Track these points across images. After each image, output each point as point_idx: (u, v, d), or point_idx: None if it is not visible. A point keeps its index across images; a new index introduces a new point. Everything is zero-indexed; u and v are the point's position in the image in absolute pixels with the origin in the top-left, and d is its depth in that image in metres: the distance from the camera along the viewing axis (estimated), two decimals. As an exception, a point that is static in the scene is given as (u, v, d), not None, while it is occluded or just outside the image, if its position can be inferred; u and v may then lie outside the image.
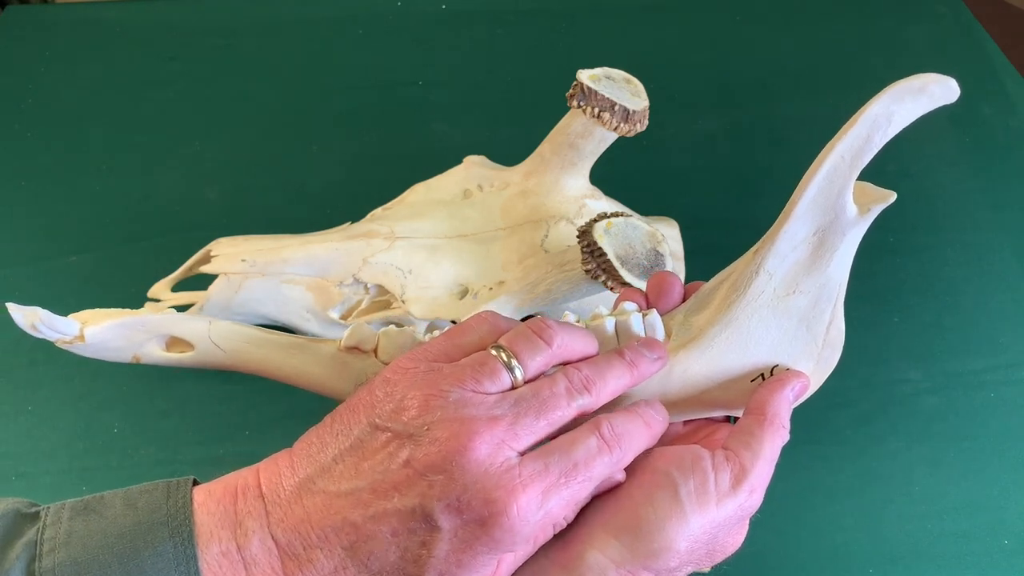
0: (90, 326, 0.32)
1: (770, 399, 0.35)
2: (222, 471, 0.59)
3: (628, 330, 0.36)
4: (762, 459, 0.33)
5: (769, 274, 0.36)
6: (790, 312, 0.36)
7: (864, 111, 0.33)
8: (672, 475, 0.32)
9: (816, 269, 0.36)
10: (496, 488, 0.28)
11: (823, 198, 0.35)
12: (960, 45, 0.93)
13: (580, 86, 0.52)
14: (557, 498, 0.30)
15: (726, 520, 0.32)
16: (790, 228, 0.35)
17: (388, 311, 0.56)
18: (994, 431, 0.61)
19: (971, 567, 0.55)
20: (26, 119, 0.84)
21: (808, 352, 0.37)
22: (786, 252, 0.36)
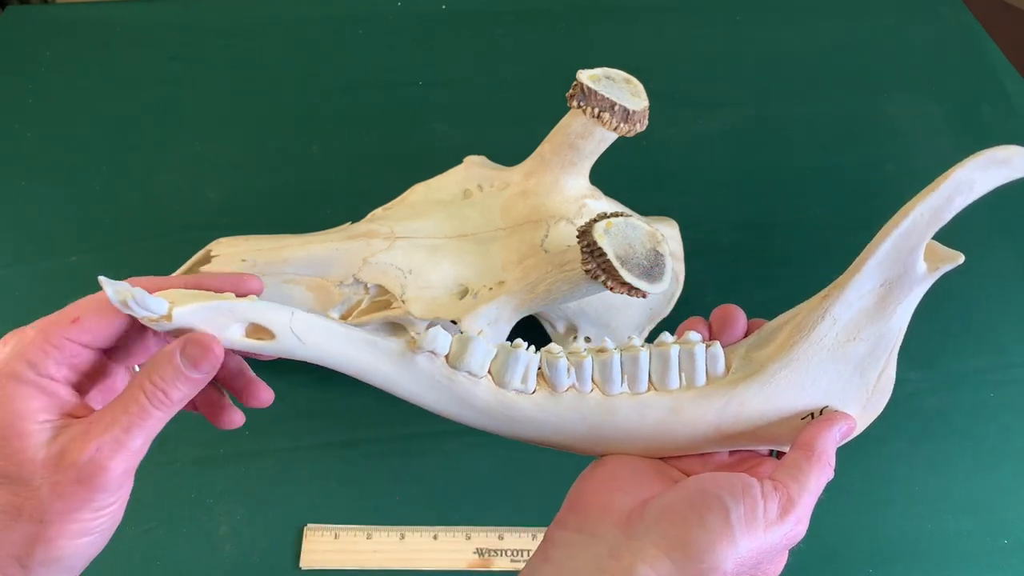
0: (178, 306, 0.33)
1: (818, 436, 0.37)
2: (222, 471, 0.59)
3: (692, 359, 0.38)
4: (808, 492, 0.35)
5: (834, 319, 0.38)
6: (848, 358, 0.38)
7: (950, 175, 0.36)
8: (724, 499, 0.34)
9: (879, 319, 0.38)
10: None
11: (897, 253, 0.36)
12: (960, 45, 0.93)
13: (580, 86, 0.52)
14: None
15: (772, 547, 0.34)
16: (861, 278, 0.37)
17: (388, 311, 0.56)
18: (994, 431, 0.61)
19: (971, 567, 0.55)
20: (26, 119, 0.84)
21: (858, 397, 0.39)
22: (853, 301, 0.37)
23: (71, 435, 0.32)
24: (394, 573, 0.55)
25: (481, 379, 0.37)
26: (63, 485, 0.32)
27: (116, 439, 0.32)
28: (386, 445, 0.60)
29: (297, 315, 0.35)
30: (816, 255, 0.73)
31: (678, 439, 0.39)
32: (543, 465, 0.59)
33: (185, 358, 0.34)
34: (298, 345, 0.35)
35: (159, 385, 0.33)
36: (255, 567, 0.54)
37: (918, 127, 0.84)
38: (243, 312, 0.35)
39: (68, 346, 0.34)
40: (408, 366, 0.37)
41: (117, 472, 0.32)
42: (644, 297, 0.48)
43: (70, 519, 0.32)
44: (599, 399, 0.38)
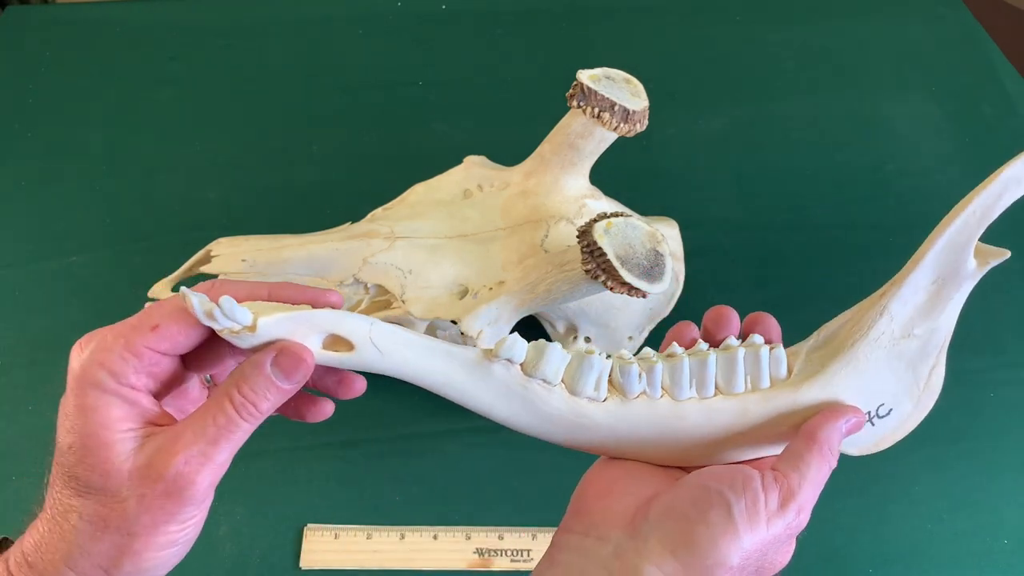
0: (262, 317, 0.33)
1: (822, 426, 0.37)
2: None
3: (757, 361, 0.39)
4: (808, 481, 0.35)
5: (891, 316, 0.39)
6: (902, 355, 0.39)
7: (1000, 173, 0.37)
8: (725, 494, 0.34)
9: (930, 316, 0.39)
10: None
11: (950, 249, 0.38)
12: (960, 45, 0.93)
13: (580, 86, 0.52)
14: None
15: (775, 538, 0.34)
16: (917, 274, 0.38)
17: (388, 311, 0.56)
18: (994, 431, 0.61)
19: (971, 567, 0.55)
20: (26, 119, 0.84)
21: (910, 394, 0.40)
22: (909, 297, 0.38)
23: (156, 446, 0.32)
24: (394, 573, 0.55)
25: (555, 387, 0.37)
26: (150, 498, 0.31)
27: (203, 452, 0.32)
28: (386, 445, 0.60)
29: (376, 325, 0.35)
30: (816, 255, 0.73)
31: (745, 442, 0.39)
32: (543, 465, 0.59)
33: (276, 368, 0.33)
34: (377, 357, 0.35)
35: (248, 396, 0.33)
36: (255, 567, 0.54)
37: (918, 127, 0.84)
38: (324, 323, 0.34)
39: (148, 354, 0.33)
40: (484, 375, 0.37)
41: (204, 485, 0.32)
42: (644, 297, 0.48)
43: (157, 532, 0.32)
44: (668, 405, 0.38)
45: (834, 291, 0.70)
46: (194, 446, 0.32)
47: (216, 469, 0.33)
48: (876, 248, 0.73)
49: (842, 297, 0.73)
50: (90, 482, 0.32)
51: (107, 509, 0.32)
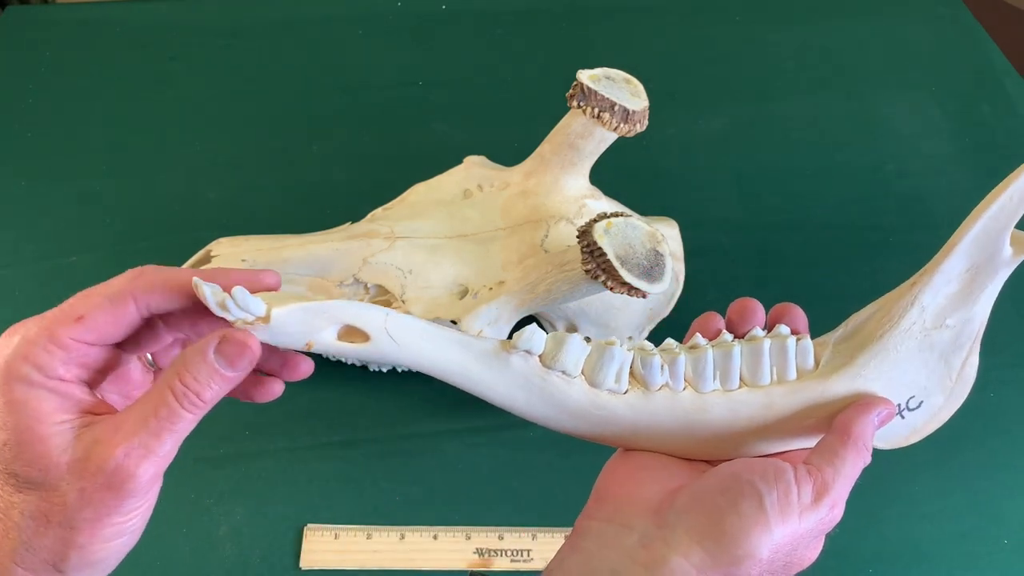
0: (276, 308, 0.32)
1: (855, 420, 0.36)
2: (222, 471, 0.59)
3: (784, 352, 0.38)
4: (843, 476, 0.34)
5: (923, 307, 0.37)
6: (933, 346, 0.38)
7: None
8: (756, 485, 0.33)
9: (964, 305, 0.38)
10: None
11: (985, 236, 0.36)
12: (960, 45, 0.93)
13: (580, 86, 0.52)
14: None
15: (807, 532, 0.33)
16: (950, 263, 0.37)
17: (388, 311, 0.56)
18: (994, 431, 0.61)
19: (971, 567, 0.55)
20: (26, 119, 0.84)
21: (942, 386, 0.39)
22: (941, 286, 0.37)
23: (95, 437, 0.31)
24: (394, 573, 0.55)
25: (575, 379, 0.37)
26: (90, 492, 0.31)
27: (144, 444, 0.31)
28: (386, 445, 0.60)
29: (392, 315, 0.34)
30: (816, 255, 0.73)
31: (770, 436, 0.38)
32: (543, 465, 0.59)
33: (220, 356, 0.32)
34: (392, 347, 0.35)
35: (191, 386, 0.32)
36: (255, 567, 0.54)
37: (918, 127, 0.84)
38: (339, 313, 0.34)
39: (74, 346, 0.32)
40: (502, 367, 0.36)
41: (146, 478, 0.31)
42: (644, 297, 0.48)
43: (100, 524, 0.31)
44: (692, 397, 0.37)
45: (834, 291, 0.70)
46: (135, 438, 0.31)
47: (159, 460, 0.32)
48: (876, 248, 0.73)
49: (842, 297, 0.73)
50: (29, 477, 0.31)
51: (48, 504, 0.31)
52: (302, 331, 0.33)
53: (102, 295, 0.33)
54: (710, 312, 0.40)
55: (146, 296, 0.33)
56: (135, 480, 0.31)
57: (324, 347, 0.34)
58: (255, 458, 0.59)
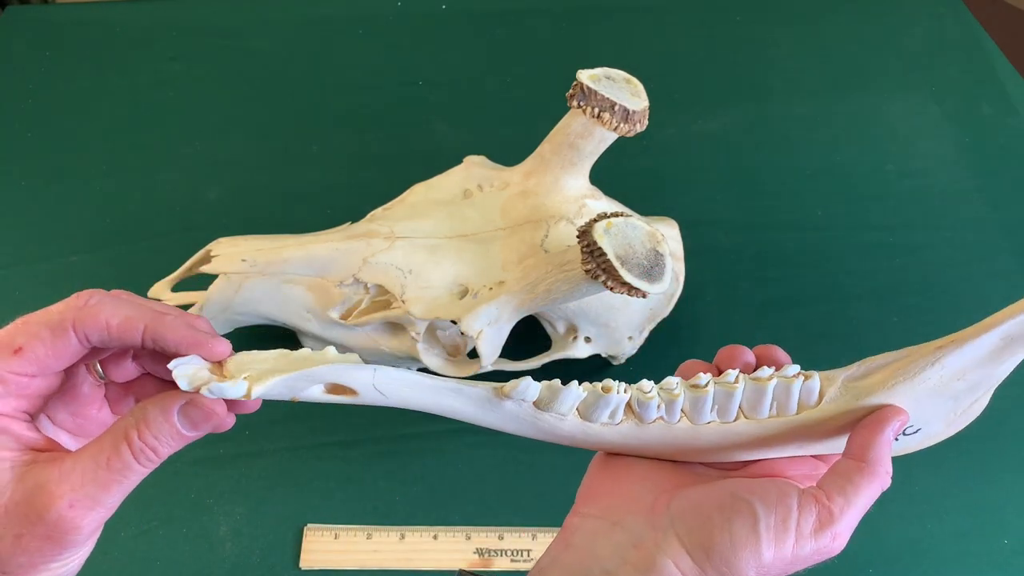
0: (257, 385, 0.31)
1: (872, 442, 0.34)
2: (222, 471, 0.59)
3: (787, 393, 0.37)
4: (855, 507, 0.33)
5: (943, 366, 0.36)
6: (946, 391, 0.37)
7: None
8: (754, 506, 0.32)
9: (988, 366, 0.37)
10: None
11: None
12: (960, 45, 0.93)
13: (580, 86, 0.52)
14: None
15: (801, 558, 0.33)
16: (986, 339, 0.36)
17: (388, 311, 0.56)
18: (994, 431, 0.61)
19: (971, 567, 0.55)
20: (26, 119, 0.84)
21: (946, 419, 0.38)
22: (968, 354, 0.36)
23: (38, 480, 0.29)
24: (394, 573, 0.55)
25: (567, 417, 0.37)
26: (27, 539, 0.29)
27: (92, 496, 0.29)
28: (386, 445, 0.60)
29: (379, 372, 0.34)
30: (816, 255, 0.73)
31: (754, 452, 0.38)
32: (543, 465, 0.59)
33: (185, 418, 0.31)
34: (381, 399, 0.35)
35: (148, 443, 0.30)
36: (255, 567, 0.54)
37: (918, 127, 0.84)
38: (324, 377, 0.33)
39: (12, 379, 0.30)
40: (494, 409, 0.36)
41: (89, 530, 0.29)
42: (644, 297, 0.48)
43: (36, 570, 0.29)
44: (686, 427, 0.37)
45: (834, 291, 0.70)
46: (81, 489, 0.29)
47: (104, 512, 0.30)
48: (876, 248, 0.73)
49: (842, 297, 0.73)
50: None
51: None
52: (286, 393, 0.33)
53: (41, 324, 0.31)
54: (737, 346, 0.39)
55: (89, 332, 0.31)
56: (78, 532, 0.29)
57: (310, 398, 0.34)
58: (255, 458, 0.59)
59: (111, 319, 0.31)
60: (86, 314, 0.31)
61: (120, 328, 0.31)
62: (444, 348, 0.59)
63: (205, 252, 0.58)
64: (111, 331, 0.31)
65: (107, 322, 0.31)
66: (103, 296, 0.32)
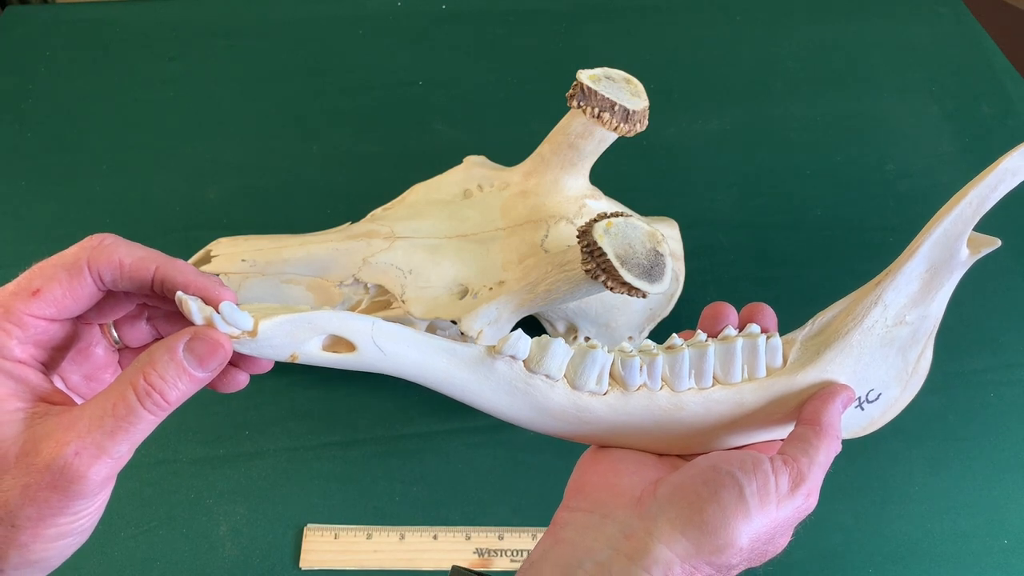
0: (264, 321, 0.31)
1: (823, 410, 0.37)
2: (222, 471, 0.59)
3: (754, 351, 0.39)
4: (817, 465, 0.35)
5: (885, 305, 0.39)
6: (893, 341, 0.40)
7: (998, 164, 0.37)
8: (736, 476, 0.34)
9: (922, 303, 0.40)
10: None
11: (945, 239, 0.38)
12: (960, 45, 0.93)
13: (580, 86, 0.52)
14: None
15: (785, 520, 0.34)
16: (912, 264, 0.39)
17: (388, 311, 0.56)
18: (994, 431, 0.61)
19: (971, 567, 0.55)
20: (26, 119, 0.84)
21: (899, 379, 0.41)
22: (903, 286, 0.39)
23: (46, 429, 0.29)
24: (394, 573, 0.55)
25: (558, 382, 0.38)
26: (35, 489, 0.28)
27: (98, 444, 0.29)
28: (386, 445, 0.60)
29: (378, 324, 0.34)
30: (816, 255, 0.73)
31: (740, 430, 0.40)
32: (543, 465, 0.59)
33: (190, 354, 0.30)
34: (379, 356, 0.35)
35: (155, 384, 0.29)
36: (255, 567, 0.54)
37: (918, 127, 0.84)
38: (325, 323, 0.33)
39: (31, 323, 0.30)
40: (487, 372, 0.37)
41: (96, 480, 0.29)
42: (644, 297, 0.48)
43: (44, 524, 0.29)
44: (668, 396, 0.38)
45: (834, 291, 0.69)
46: (88, 436, 0.29)
47: (112, 463, 0.29)
48: (876, 248, 0.73)
49: (841, 297, 0.73)
50: None
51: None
52: (287, 343, 0.32)
53: (57, 266, 0.31)
54: (722, 303, 0.40)
55: (103, 270, 0.31)
56: (84, 481, 0.29)
57: (309, 358, 0.33)
58: (255, 458, 0.59)
59: (124, 258, 0.31)
60: (100, 253, 0.31)
61: (133, 267, 0.31)
62: (444, 348, 0.59)
63: (205, 252, 0.58)
64: (124, 270, 0.31)
65: (120, 261, 0.31)
66: (116, 238, 0.32)
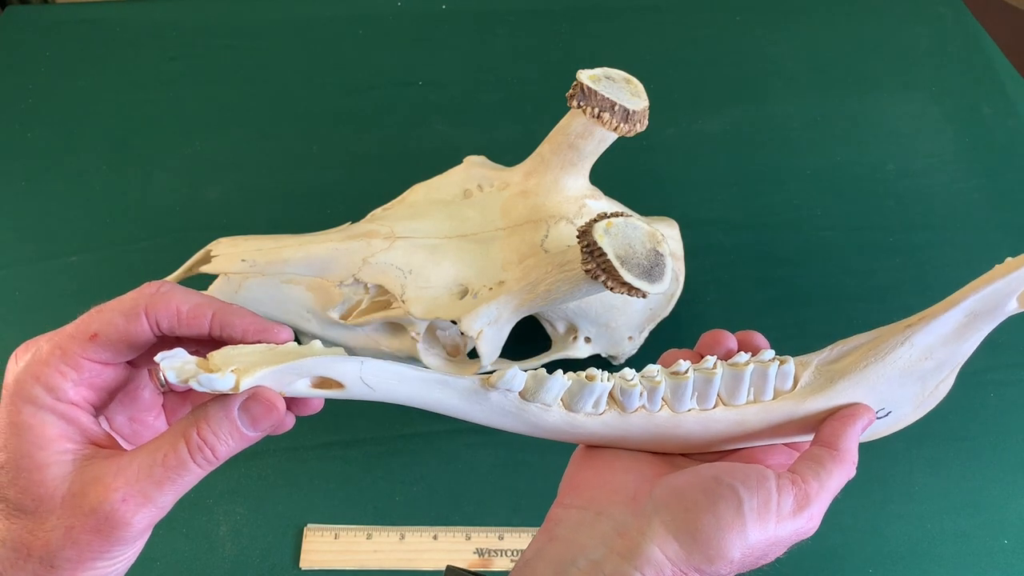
0: (245, 378, 0.31)
1: (843, 433, 0.36)
2: (222, 471, 0.59)
3: (764, 378, 0.38)
4: (827, 491, 0.34)
5: (912, 345, 0.38)
6: (915, 372, 0.39)
7: None
8: (737, 489, 0.33)
9: (953, 344, 0.38)
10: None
11: (994, 296, 0.37)
12: (960, 45, 0.93)
13: (580, 86, 0.52)
14: None
15: (781, 539, 0.34)
16: (950, 316, 0.37)
17: (388, 311, 0.56)
18: (994, 431, 0.61)
19: (971, 567, 0.55)
20: (26, 119, 0.84)
21: (914, 401, 0.39)
22: (936, 331, 0.38)
23: (95, 475, 0.29)
24: (394, 573, 0.55)
25: (552, 407, 0.37)
26: (78, 531, 0.29)
27: (145, 493, 0.29)
28: (386, 445, 0.60)
29: (367, 364, 0.34)
30: (816, 255, 0.73)
31: (732, 443, 0.39)
32: (543, 465, 0.59)
33: (245, 414, 0.31)
34: (368, 392, 0.35)
35: (207, 440, 0.30)
36: (255, 567, 0.54)
37: (918, 127, 0.84)
38: (312, 369, 0.33)
39: (87, 366, 0.31)
40: (480, 400, 0.37)
41: (139, 528, 0.30)
42: (644, 297, 0.48)
43: (82, 567, 0.29)
44: (667, 416, 0.38)
45: (834, 291, 0.70)
46: (136, 484, 0.29)
47: (156, 512, 0.30)
48: (876, 248, 0.73)
49: (842, 297, 0.73)
50: (21, 505, 0.29)
51: (32, 537, 0.29)
52: (273, 387, 0.32)
53: (116, 311, 0.31)
54: (720, 331, 0.40)
55: (161, 317, 0.32)
56: (128, 528, 0.29)
57: (295, 394, 0.33)
58: (255, 458, 0.59)
59: (181, 305, 0.32)
60: (158, 300, 0.32)
61: (190, 314, 0.32)
62: (444, 348, 0.59)
63: (205, 252, 0.58)
64: (181, 317, 0.32)
65: (178, 308, 0.32)
66: (173, 285, 0.33)
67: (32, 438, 0.29)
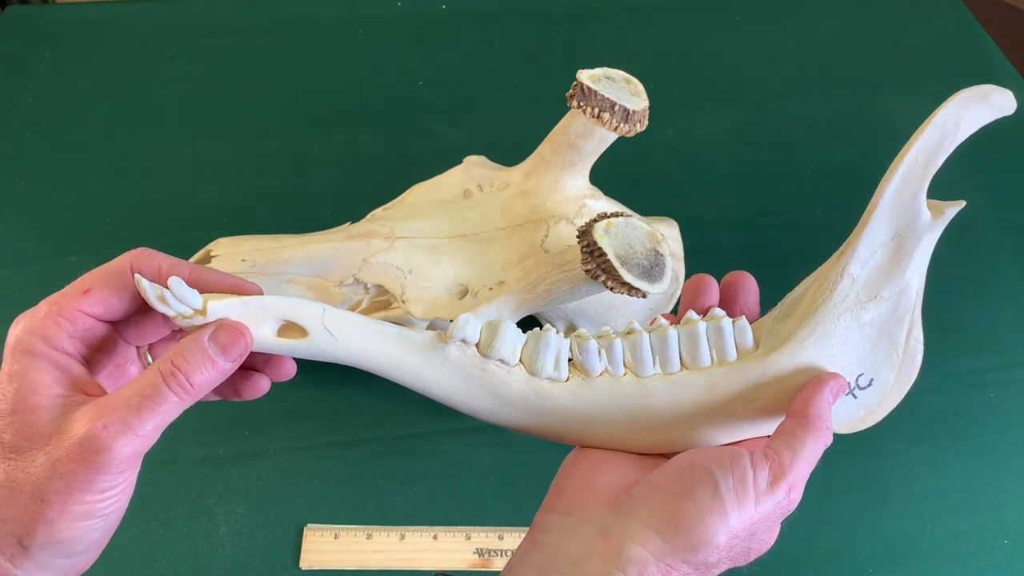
0: (212, 301, 0.33)
1: (811, 401, 0.36)
2: (222, 471, 0.59)
3: (720, 333, 0.38)
4: (802, 459, 0.34)
5: (852, 278, 0.38)
6: (873, 321, 0.38)
7: (934, 117, 0.37)
8: (712, 471, 0.33)
9: (895, 274, 0.38)
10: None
11: (900, 200, 0.37)
12: (960, 45, 0.93)
13: (580, 86, 0.52)
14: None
15: (765, 517, 0.33)
16: (870, 230, 0.37)
17: (388, 311, 0.56)
18: (994, 431, 0.61)
19: (971, 567, 0.55)
20: (26, 119, 0.84)
21: (890, 362, 0.39)
22: (867, 256, 0.38)
23: (80, 412, 0.31)
24: (394, 573, 0.55)
25: (514, 367, 0.37)
26: (63, 462, 0.30)
27: (124, 420, 0.31)
28: (386, 445, 0.60)
29: (329, 310, 0.35)
30: (816, 255, 0.72)
31: (719, 421, 0.38)
32: (543, 465, 0.58)
33: (214, 342, 0.33)
34: (330, 342, 0.35)
35: (181, 368, 0.32)
36: (255, 567, 0.54)
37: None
38: (276, 308, 0.34)
39: (80, 318, 0.33)
40: (440, 358, 0.37)
41: (122, 454, 0.31)
42: (644, 297, 0.48)
43: (70, 499, 0.31)
44: (632, 382, 0.38)
45: (834, 291, 0.70)
46: (115, 413, 0.31)
47: (137, 440, 0.31)
48: (876, 248, 0.73)
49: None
50: (15, 445, 0.31)
51: (24, 474, 0.31)
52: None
53: (105, 269, 0.34)
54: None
55: (145, 272, 0.34)
56: (109, 453, 0.30)
57: (261, 345, 0.34)
58: (255, 458, 0.59)
59: (162, 262, 0.35)
60: (142, 257, 0.35)
61: (170, 270, 0.35)
62: (444, 348, 0.59)
63: (205, 252, 0.58)
64: (162, 271, 0.34)
65: (159, 264, 0.34)
66: (153, 249, 0.36)
67: (28, 383, 0.32)
